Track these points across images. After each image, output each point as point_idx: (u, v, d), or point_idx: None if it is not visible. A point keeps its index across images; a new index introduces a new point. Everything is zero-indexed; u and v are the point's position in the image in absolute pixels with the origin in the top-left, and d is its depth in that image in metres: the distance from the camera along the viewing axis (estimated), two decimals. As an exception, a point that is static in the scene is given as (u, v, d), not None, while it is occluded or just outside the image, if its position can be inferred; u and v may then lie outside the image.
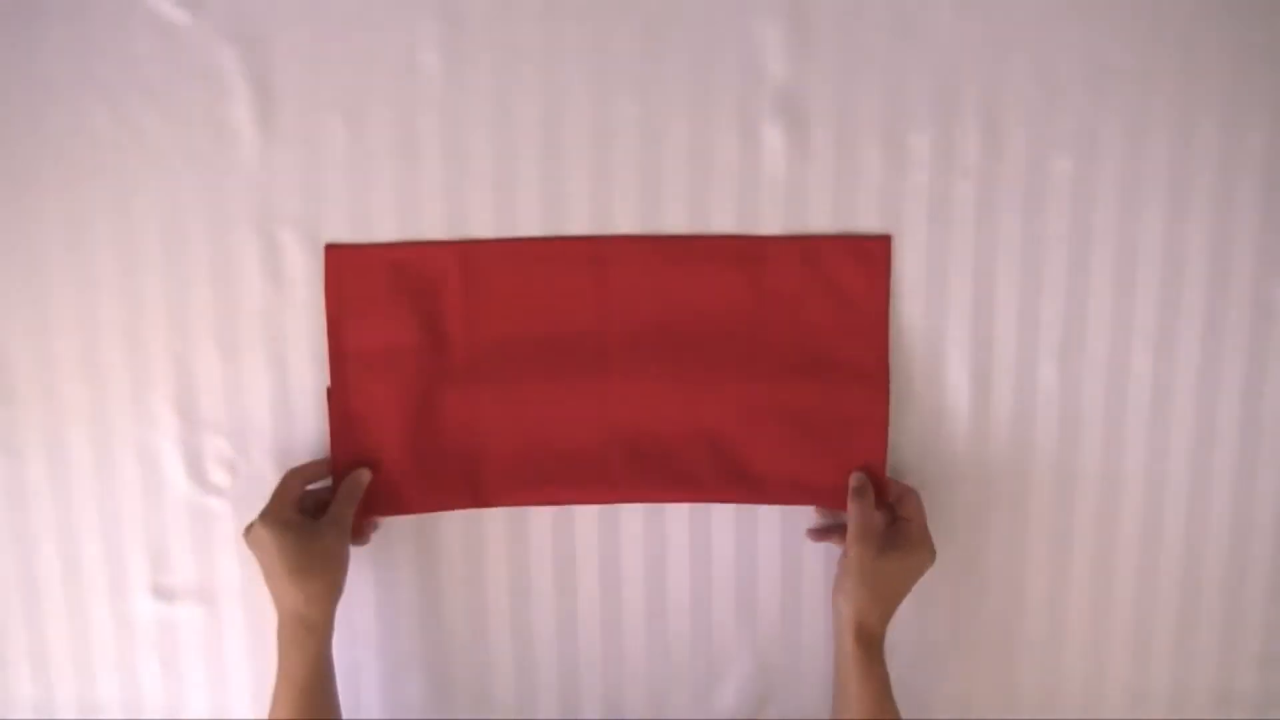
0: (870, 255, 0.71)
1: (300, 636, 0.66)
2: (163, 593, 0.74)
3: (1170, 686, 0.77)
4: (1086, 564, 0.75)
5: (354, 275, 0.70)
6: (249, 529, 0.67)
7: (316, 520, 0.67)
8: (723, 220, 0.70)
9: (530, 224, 0.70)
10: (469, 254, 0.70)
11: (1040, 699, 0.77)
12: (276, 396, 0.71)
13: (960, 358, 0.72)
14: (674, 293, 0.71)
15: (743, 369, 0.71)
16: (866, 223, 0.71)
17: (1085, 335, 0.72)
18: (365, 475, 0.70)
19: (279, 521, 0.66)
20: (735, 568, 0.75)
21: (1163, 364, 0.73)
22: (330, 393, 0.71)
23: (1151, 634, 0.76)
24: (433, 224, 0.70)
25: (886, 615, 0.68)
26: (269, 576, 0.67)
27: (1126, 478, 0.74)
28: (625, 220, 0.70)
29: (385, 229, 0.70)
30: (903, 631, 0.76)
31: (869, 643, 0.67)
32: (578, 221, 0.70)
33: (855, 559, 0.67)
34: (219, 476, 0.72)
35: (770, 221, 0.70)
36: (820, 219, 0.70)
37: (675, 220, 0.70)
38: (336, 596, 0.68)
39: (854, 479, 0.71)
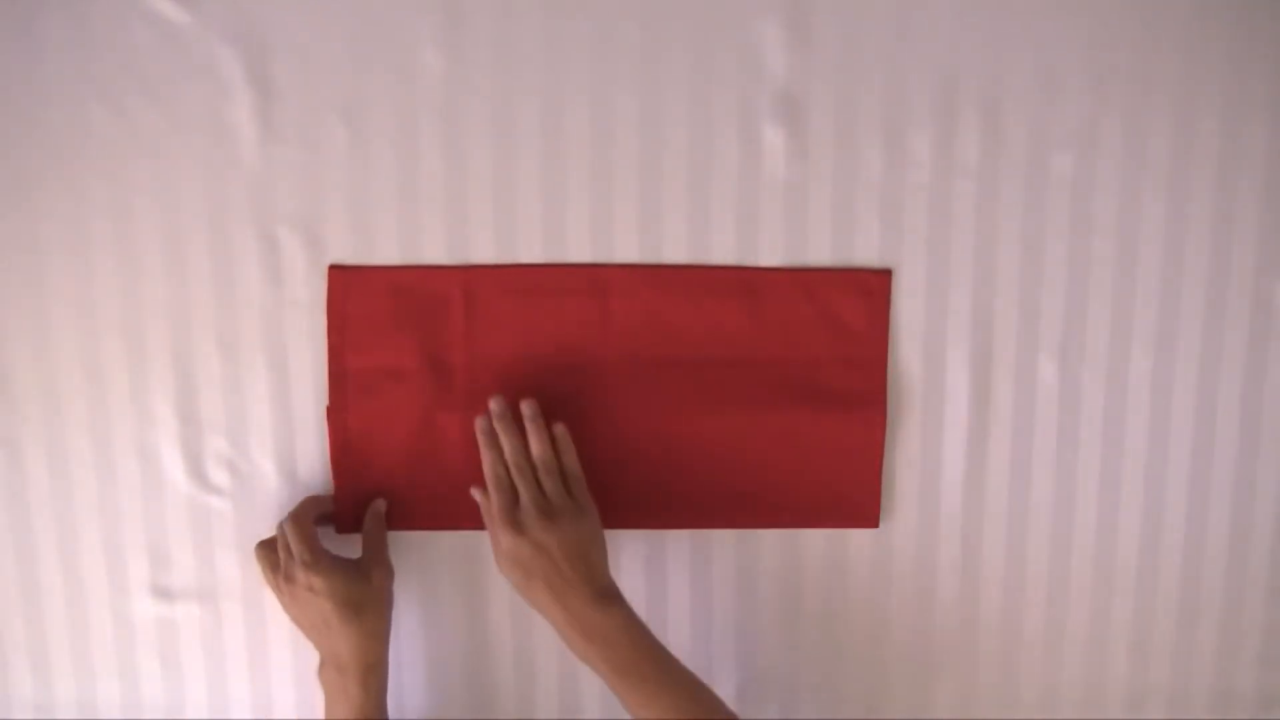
0: (871, 289, 0.71)
1: (365, 679, 0.66)
2: (163, 593, 0.74)
3: (1170, 686, 0.77)
4: (1087, 564, 0.75)
5: (357, 296, 0.70)
6: (290, 581, 0.66)
7: (356, 560, 0.68)
8: (722, 220, 0.70)
9: (530, 225, 0.70)
10: (472, 279, 0.70)
11: (1040, 699, 0.77)
12: (276, 396, 0.71)
13: (958, 351, 0.72)
14: (674, 322, 0.71)
15: (742, 398, 0.72)
16: (866, 220, 0.71)
17: (1085, 335, 0.72)
18: (382, 505, 0.71)
19: (327, 567, 0.65)
20: (735, 567, 0.75)
21: (1163, 364, 0.73)
22: (330, 411, 0.71)
23: (1151, 634, 0.76)
24: (432, 223, 0.70)
25: (553, 595, 0.64)
26: (322, 625, 0.66)
27: (1126, 479, 0.74)
28: (625, 219, 0.70)
29: (385, 229, 0.70)
30: (902, 631, 0.76)
31: (579, 626, 0.64)
32: (578, 220, 0.70)
33: (504, 548, 0.66)
34: (219, 476, 0.72)
35: (770, 222, 0.70)
36: (820, 218, 0.70)
37: (675, 219, 0.70)
38: (389, 633, 0.68)
39: (482, 435, 0.68)
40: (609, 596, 0.65)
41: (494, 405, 0.68)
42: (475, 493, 0.68)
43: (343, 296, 0.70)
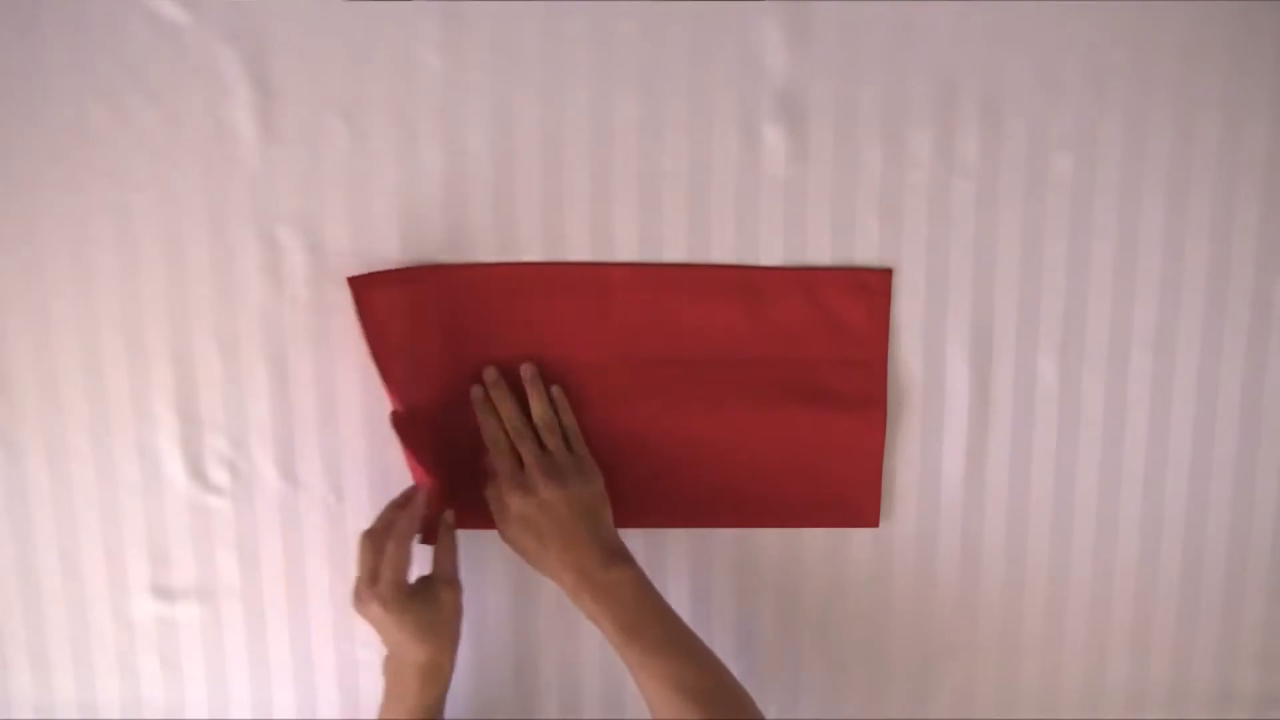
0: (871, 289, 0.71)
1: (432, 679, 0.66)
2: (163, 593, 0.74)
3: (1170, 686, 0.77)
4: (1087, 564, 0.75)
5: (382, 301, 0.68)
6: (360, 600, 0.64)
7: (428, 583, 0.66)
8: (722, 220, 0.70)
9: (530, 225, 0.70)
10: (473, 277, 0.70)
11: (1040, 699, 0.77)
12: (276, 396, 0.71)
13: (958, 351, 0.72)
14: (674, 322, 0.71)
15: (742, 398, 0.72)
16: (866, 220, 0.71)
17: (1085, 335, 0.72)
18: (450, 516, 0.69)
19: (399, 601, 0.63)
20: (735, 569, 0.75)
21: (1163, 364, 0.73)
22: (395, 416, 0.69)
23: (1151, 633, 0.76)
24: (432, 222, 0.70)
25: (564, 555, 0.64)
26: (390, 641, 0.66)
27: (1126, 479, 0.74)
28: (625, 219, 0.70)
29: (385, 228, 0.70)
30: (902, 631, 0.76)
31: (590, 585, 0.64)
32: (578, 223, 0.70)
33: (508, 513, 0.66)
34: (219, 476, 0.72)
35: (769, 222, 0.70)
36: (820, 218, 0.70)
37: (675, 219, 0.70)
38: (458, 643, 0.68)
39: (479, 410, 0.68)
40: (618, 554, 0.66)
41: (487, 374, 0.69)
42: (488, 462, 0.69)
43: (368, 303, 0.68)
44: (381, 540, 0.65)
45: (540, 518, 0.65)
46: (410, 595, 0.65)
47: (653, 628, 0.64)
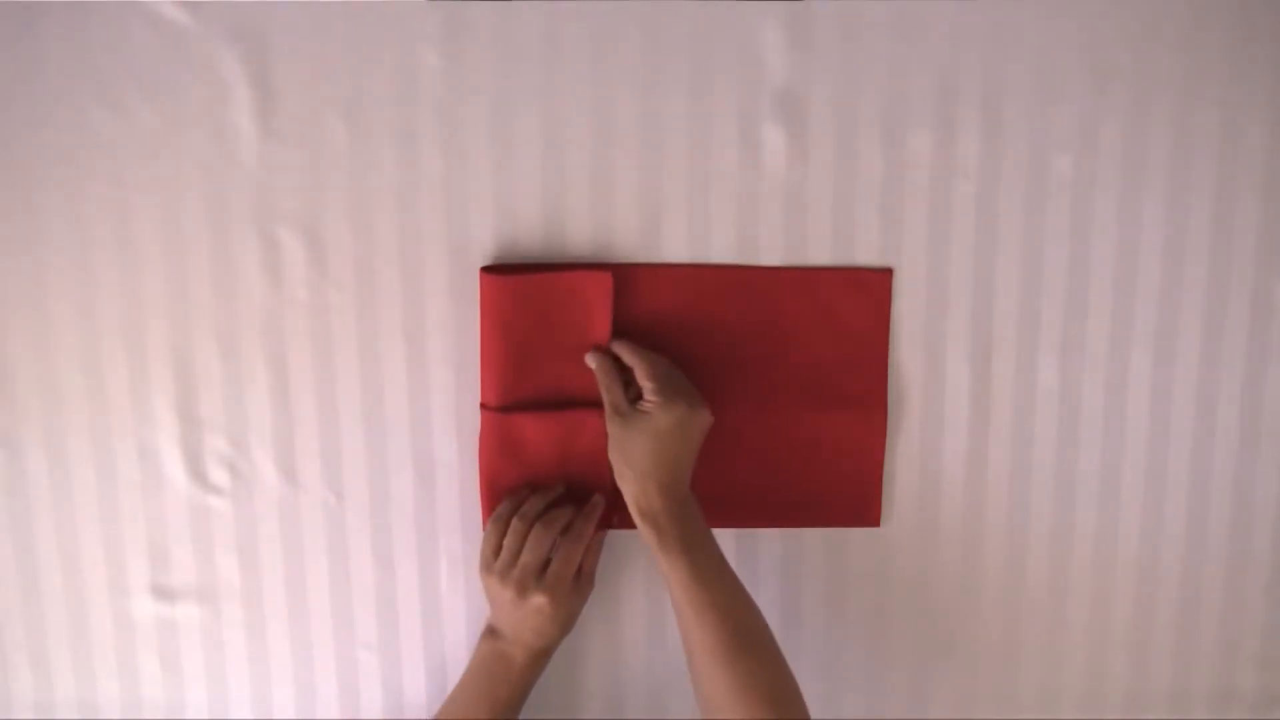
0: (871, 289, 0.71)
1: (543, 659, 0.70)
2: (163, 593, 0.74)
3: (1170, 686, 0.77)
4: (1087, 564, 0.75)
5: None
6: (521, 593, 0.66)
7: (577, 579, 0.68)
8: (722, 220, 0.70)
9: (531, 225, 0.70)
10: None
11: (1040, 699, 0.77)
12: (276, 396, 0.71)
13: (959, 351, 0.72)
14: (674, 322, 0.71)
15: (742, 398, 0.72)
16: (866, 220, 0.71)
17: (1085, 335, 0.72)
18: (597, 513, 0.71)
19: (565, 596, 0.67)
20: (735, 567, 0.75)
21: (1163, 364, 0.73)
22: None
23: (1151, 634, 0.76)
24: (432, 223, 0.70)
25: (663, 484, 0.65)
26: (526, 626, 0.67)
27: (1126, 479, 0.74)
28: (625, 219, 0.70)
29: (385, 228, 0.70)
30: (902, 631, 0.76)
31: (654, 519, 0.65)
32: (578, 222, 0.70)
33: (609, 437, 0.67)
34: (219, 476, 0.72)
35: (770, 222, 0.70)
36: (820, 218, 0.70)
37: (675, 219, 0.70)
38: None
39: (589, 359, 0.69)
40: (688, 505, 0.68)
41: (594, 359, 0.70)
42: (594, 360, 0.69)
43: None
44: (552, 531, 0.68)
45: (690, 419, 0.66)
46: (571, 591, 0.68)
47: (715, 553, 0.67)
